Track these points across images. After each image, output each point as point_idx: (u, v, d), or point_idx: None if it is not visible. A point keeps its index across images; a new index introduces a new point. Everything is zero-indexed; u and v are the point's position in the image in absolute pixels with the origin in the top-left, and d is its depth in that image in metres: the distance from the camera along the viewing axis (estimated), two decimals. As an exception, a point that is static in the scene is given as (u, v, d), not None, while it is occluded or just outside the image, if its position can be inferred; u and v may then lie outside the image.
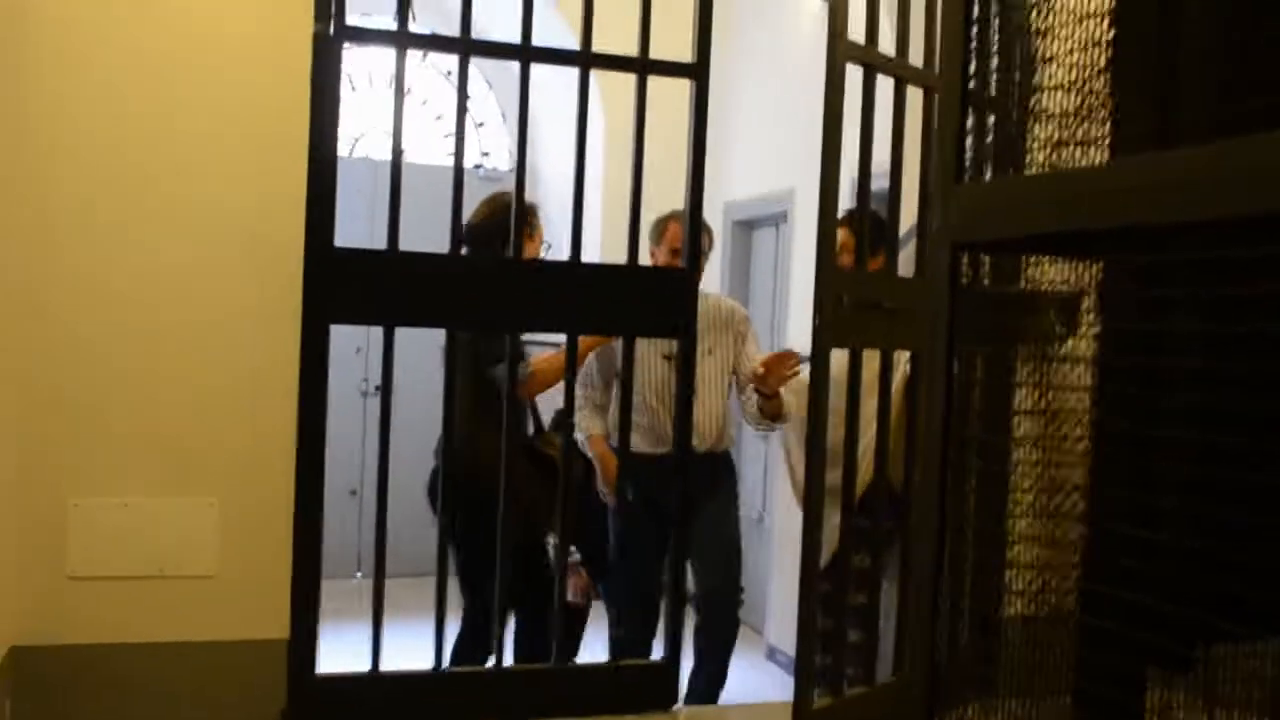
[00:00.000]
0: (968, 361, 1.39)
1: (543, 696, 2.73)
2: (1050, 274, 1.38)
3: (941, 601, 1.51)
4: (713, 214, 5.37)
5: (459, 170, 2.90)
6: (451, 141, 7.63)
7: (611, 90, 5.89)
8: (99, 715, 2.39)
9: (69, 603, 2.39)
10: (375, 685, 2.63)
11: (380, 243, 2.63)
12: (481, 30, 2.71)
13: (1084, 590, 1.19)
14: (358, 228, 3.91)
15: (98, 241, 2.41)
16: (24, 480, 2.35)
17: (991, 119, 1.23)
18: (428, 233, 3.25)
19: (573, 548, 4.57)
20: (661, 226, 4.17)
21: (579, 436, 4.26)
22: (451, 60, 2.75)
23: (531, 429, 3.95)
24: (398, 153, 2.69)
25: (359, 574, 7.40)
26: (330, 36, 2.53)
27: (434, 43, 2.85)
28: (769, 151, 6.74)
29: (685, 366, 2.90)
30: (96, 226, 2.41)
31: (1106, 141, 1.12)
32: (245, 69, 2.50)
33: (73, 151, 2.40)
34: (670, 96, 2.97)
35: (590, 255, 2.91)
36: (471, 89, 7.78)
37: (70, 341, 2.40)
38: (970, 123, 1.22)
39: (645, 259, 3.38)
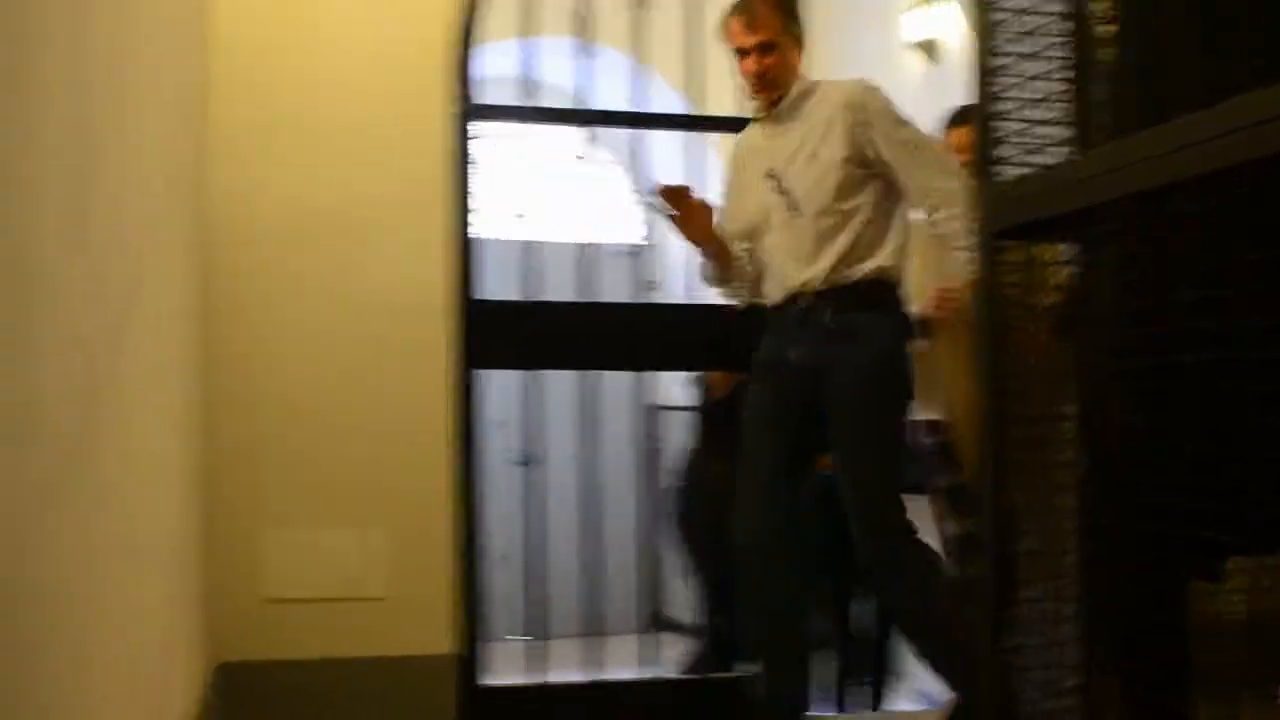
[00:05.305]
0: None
1: (702, 708, 2.92)
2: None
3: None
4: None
5: (587, 227, 3.16)
6: (603, 220, 7.80)
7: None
8: (293, 723, 2.70)
9: (267, 623, 2.72)
10: (540, 695, 2.88)
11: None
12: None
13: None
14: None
15: (283, 305, 2.80)
16: (225, 513, 2.70)
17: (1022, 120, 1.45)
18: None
19: None
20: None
21: None
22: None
23: None
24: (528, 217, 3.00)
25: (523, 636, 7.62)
26: (463, 115, 2.88)
27: (556, 116, 3.19)
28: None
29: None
30: (283, 291, 2.80)
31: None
32: (398, 149, 2.88)
33: (256, 225, 2.79)
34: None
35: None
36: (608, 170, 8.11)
37: (265, 392, 2.77)
38: (999, 126, 1.44)
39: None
